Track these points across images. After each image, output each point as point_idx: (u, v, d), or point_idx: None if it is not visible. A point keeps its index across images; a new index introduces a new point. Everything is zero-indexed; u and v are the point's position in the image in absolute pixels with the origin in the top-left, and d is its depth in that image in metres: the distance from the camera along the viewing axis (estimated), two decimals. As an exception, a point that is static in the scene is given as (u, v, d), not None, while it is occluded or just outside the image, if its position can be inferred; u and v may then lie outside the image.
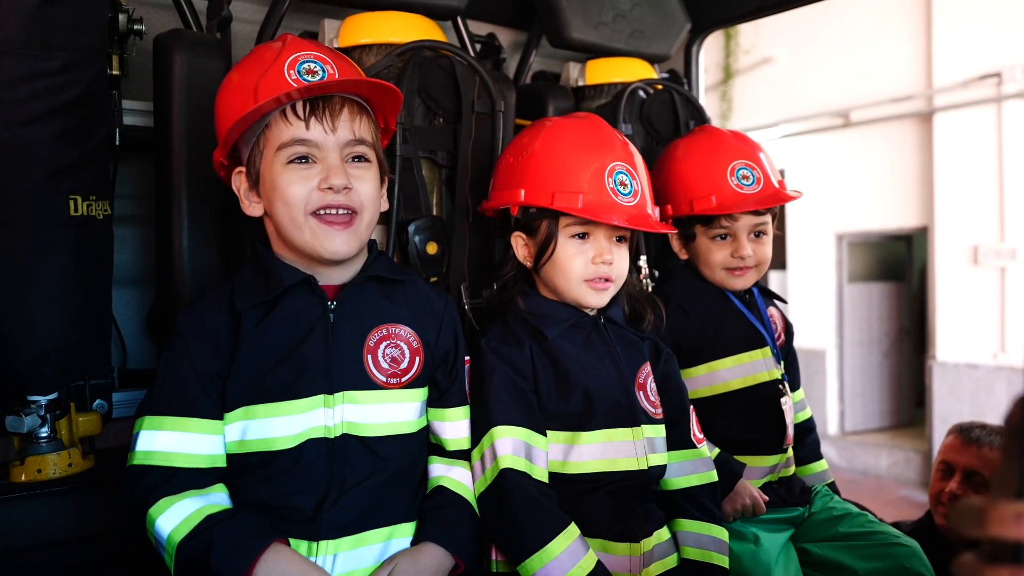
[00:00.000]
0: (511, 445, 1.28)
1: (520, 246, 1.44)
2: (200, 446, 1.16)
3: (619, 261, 1.39)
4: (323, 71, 1.19)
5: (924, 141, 7.18)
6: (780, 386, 1.65)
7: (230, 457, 1.19)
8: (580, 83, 2.15)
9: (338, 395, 1.18)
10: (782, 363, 1.72)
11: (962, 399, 6.84)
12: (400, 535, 1.22)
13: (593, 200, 1.33)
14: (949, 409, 6.92)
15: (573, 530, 1.25)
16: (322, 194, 1.17)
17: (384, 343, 1.24)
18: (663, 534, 1.37)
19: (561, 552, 1.21)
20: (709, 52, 8.25)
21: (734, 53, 8.57)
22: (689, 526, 1.40)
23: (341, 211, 1.19)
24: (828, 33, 7.69)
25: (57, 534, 1.44)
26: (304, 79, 1.17)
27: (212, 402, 1.18)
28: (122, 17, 1.49)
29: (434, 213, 1.64)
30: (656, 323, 1.49)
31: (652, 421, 1.39)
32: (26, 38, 1.26)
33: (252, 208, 1.24)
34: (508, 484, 1.25)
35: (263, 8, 1.73)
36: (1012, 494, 0.47)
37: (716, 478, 1.45)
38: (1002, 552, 0.46)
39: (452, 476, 1.29)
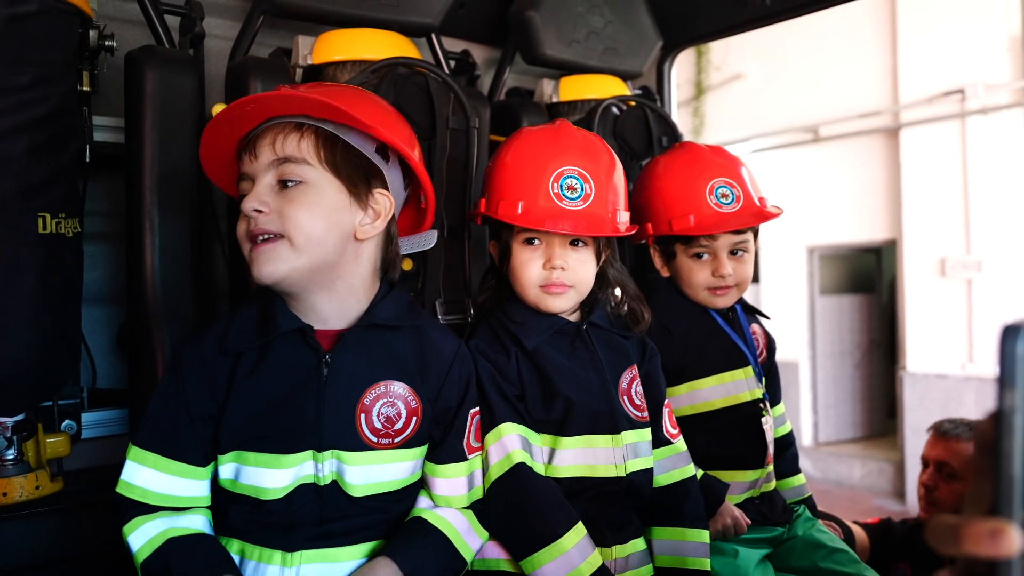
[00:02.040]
0: (519, 441, 1.29)
1: (496, 253, 1.45)
2: (179, 488, 1.15)
3: (576, 266, 1.37)
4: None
5: (891, 156, 7.33)
6: (761, 405, 1.65)
7: (224, 492, 1.17)
8: (554, 99, 2.16)
9: (326, 452, 1.14)
10: (763, 380, 1.72)
11: (932, 409, 6.93)
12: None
13: (535, 206, 1.33)
14: (920, 419, 7.01)
15: (582, 527, 1.25)
16: (244, 222, 1.14)
17: (380, 401, 1.17)
18: (639, 544, 1.37)
19: (572, 547, 1.22)
20: (681, 68, 8.35)
21: (705, 69, 8.69)
22: (664, 533, 1.39)
23: (265, 236, 1.12)
24: (797, 50, 7.83)
25: (24, 559, 1.41)
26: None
27: (199, 446, 1.15)
28: (93, 33, 1.47)
29: (409, 229, 1.64)
30: (647, 326, 1.49)
31: (636, 426, 1.39)
32: (-6, 54, 1.24)
33: None
34: (522, 477, 1.26)
35: (236, 25, 1.73)
36: (986, 511, 0.47)
37: (694, 472, 1.46)
38: (977, 570, 0.46)
39: (436, 512, 1.23)
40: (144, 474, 1.14)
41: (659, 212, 1.68)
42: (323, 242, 1.14)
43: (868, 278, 8.76)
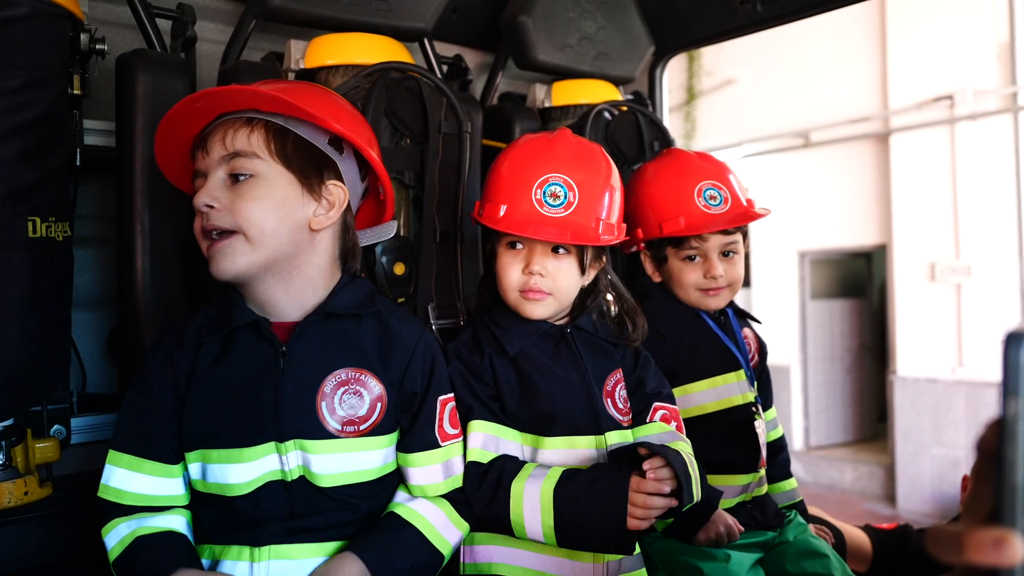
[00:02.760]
0: (481, 439, 1.31)
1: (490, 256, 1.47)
2: (152, 487, 1.16)
3: (556, 273, 1.38)
4: (206, 100, 1.17)
5: (881, 161, 7.37)
6: (753, 409, 1.66)
7: (197, 494, 1.19)
8: (546, 104, 2.17)
9: (289, 443, 1.14)
10: (755, 384, 1.73)
11: (922, 413, 6.97)
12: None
13: (516, 211, 1.36)
14: (910, 423, 7.05)
15: (529, 466, 1.29)
16: (199, 218, 1.16)
17: (341, 389, 1.17)
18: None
19: (524, 483, 1.26)
20: (673, 73, 8.40)
21: (697, 74, 8.72)
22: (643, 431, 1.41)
23: (215, 233, 1.15)
24: (788, 56, 7.87)
25: (13, 565, 1.40)
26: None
27: (168, 444, 1.17)
28: (84, 36, 1.46)
29: (401, 233, 1.64)
30: (643, 335, 1.50)
31: (620, 428, 1.40)
32: (-16, 57, 1.23)
33: None
34: (472, 476, 1.29)
35: (229, 28, 1.73)
36: (988, 519, 0.46)
37: (690, 448, 1.43)
38: None
39: (411, 505, 1.23)
40: (118, 475, 1.16)
41: (649, 216, 1.70)
42: (277, 233, 1.16)
43: (859, 282, 8.79)
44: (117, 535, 1.14)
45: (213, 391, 1.16)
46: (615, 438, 1.38)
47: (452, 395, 1.31)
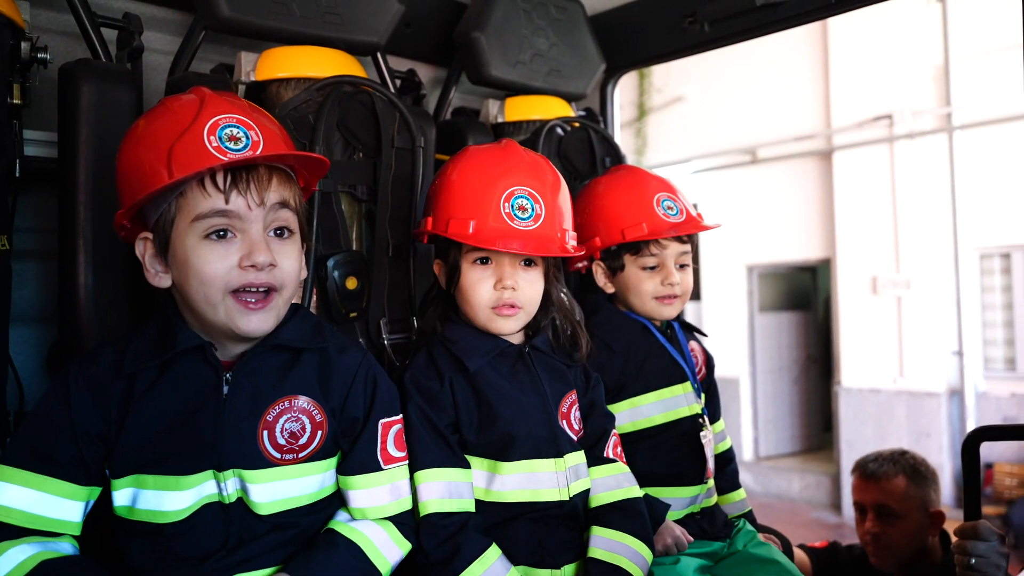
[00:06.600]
0: (436, 490, 1.28)
1: (441, 273, 1.44)
2: (49, 508, 1.08)
3: (526, 287, 1.38)
4: (247, 138, 1.09)
5: (825, 177, 7.59)
6: (700, 420, 1.68)
7: (122, 523, 1.13)
8: (499, 119, 2.18)
9: (228, 472, 1.11)
10: (703, 396, 1.76)
11: (866, 423, 7.16)
12: None
13: (486, 226, 1.33)
14: (854, 432, 7.24)
15: (490, 555, 1.25)
16: (243, 272, 1.09)
17: (284, 417, 1.15)
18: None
19: None
20: (624, 90, 8.52)
21: (648, 91, 8.87)
22: (603, 532, 1.37)
23: (260, 289, 1.11)
24: (735, 75, 8.07)
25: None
26: (226, 147, 1.07)
27: (82, 465, 1.10)
28: (24, 45, 1.42)
29: (354, 248, 1.63)
30: (588, 351, 1.51)
31: (575, 448, 1.40)
32: (-82, 65, 1.19)
33: (159, 279, 1.15)
34: (427, 531, 1.26)
35: (177, 39, 1.70)
36: None
37: (640, 493, 1.45)
38: None
39: (350, 524, 1.21)
40: (10, 492, 1.07)
41: (609, 224, 1.70)
42: (293, 287, 1.18)
43: (804, 295, 9.02)
44: (11, 560, 1.04)
45: (152, 417, 1.11)
46: (574, 459, 1.38)
47: (398, 417, 1.28)
